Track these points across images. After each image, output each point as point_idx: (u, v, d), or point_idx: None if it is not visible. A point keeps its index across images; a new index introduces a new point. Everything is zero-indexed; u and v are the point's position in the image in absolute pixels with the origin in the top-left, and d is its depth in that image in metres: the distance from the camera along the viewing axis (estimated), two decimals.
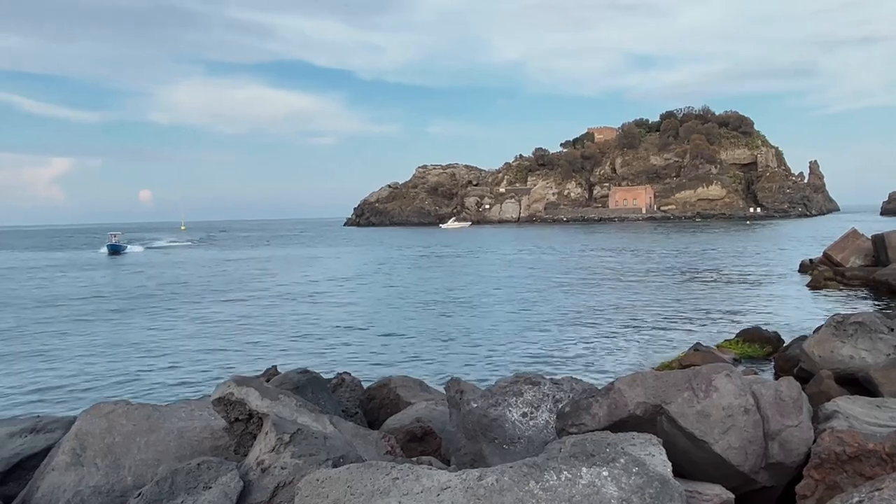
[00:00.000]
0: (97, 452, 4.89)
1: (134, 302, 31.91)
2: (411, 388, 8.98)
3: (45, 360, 18.89)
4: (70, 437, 5.12)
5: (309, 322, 24.32)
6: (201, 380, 15.63)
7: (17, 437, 6.24)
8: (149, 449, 4.99)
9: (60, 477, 4.74)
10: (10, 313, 29.15)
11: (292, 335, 21.71)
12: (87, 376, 16.75)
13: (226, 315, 26.51)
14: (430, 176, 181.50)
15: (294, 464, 4.45)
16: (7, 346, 21.25)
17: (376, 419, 8.28)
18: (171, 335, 22.30)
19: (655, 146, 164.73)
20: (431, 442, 6.91)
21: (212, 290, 36.45)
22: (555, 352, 17.83)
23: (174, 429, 5.20)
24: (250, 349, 19.50)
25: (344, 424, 5.28)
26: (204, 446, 5.18)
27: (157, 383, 15.70)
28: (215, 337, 21.71)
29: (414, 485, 3.80)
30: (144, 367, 17.48)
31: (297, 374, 7.01)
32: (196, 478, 4.32)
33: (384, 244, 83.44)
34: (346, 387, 8.20)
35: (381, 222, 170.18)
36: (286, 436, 4.58)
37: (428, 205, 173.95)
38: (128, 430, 5.07)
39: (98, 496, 4.65)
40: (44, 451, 5.85)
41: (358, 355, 18.34)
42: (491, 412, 5.70)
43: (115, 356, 19.14)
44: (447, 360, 17.49)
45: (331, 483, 3.90)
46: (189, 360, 18.28)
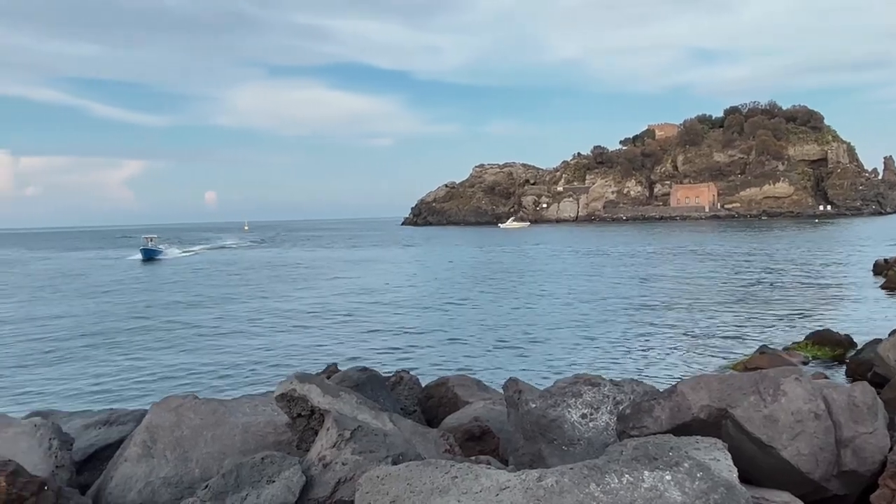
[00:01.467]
0: (167, 445, 5.06)
1: (195, 300, 32.92)
2: (469, 388, 8.98)
3: (117, 355, 19.68)
4: (141, 429, 5.32)
5: (367, 321, 24.62)
6: (264, 376, 16.01)
7: (91, 428, 6.51)
8: (215, 442, 5.14)
9: (133, 468, 4.93)
10: (77, 309, 30.48)
11: (351, 333, 22.01)
12: (156, 370, 17.38)
13: (287, 314, 27.07)
14: (487, 175, 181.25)
15: (355, 460, 4.52)
16: (80, 341, 22.22)
17: (434, 418, 8.31)
18: (233, 333, 22.91)
19: (719, 142, 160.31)
20: (489, 441, 6.90)
21: (272, 289, 37.28)
22: (614, 353, 17.57)
23: (239, 423, 5.34)
24: (311, 347, 19.86)
25: (403, 422, 5.33)
26: (267, 441, 5.30)
27: (221, 379, 16.16)
28: (277, 335, 22.20)
29: (473, 484, 3.80)
30: (209, 363, 18.02)
31: (356, 372, 7.10)
32: (260, 471, 4.42)
33: (442, 244, 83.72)
34: (404, 385, 8.26)
35: (439, 222, 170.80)
36: (347, 432, 4.65)
37: (485, 204, 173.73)
38: (195, 424, 5.23)
39: (168, 487, 4.82)
40: (117, 443, 6.09)
41: (415, 354, 18.47)
42: (550, 413, 5.65)
43: (182, 352, 19.79)
44: (504, 359, 17.44)
45: (391, 480, 3.94)
46: (252, 356, 18.75)
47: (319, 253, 74.87)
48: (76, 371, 17.91)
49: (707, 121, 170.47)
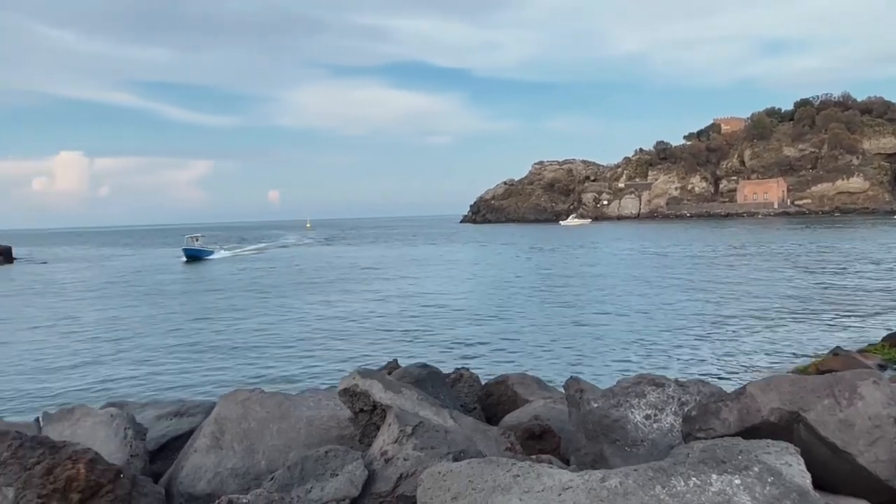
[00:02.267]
0: (234, 437, 5.20)
1: (262, 295, 33.73)
2: (529, 386, 8.92)
3: (185, 349, 20.35)
4: (210, 421, 5.48)
5: (426, 318, 24.76)
6: (325, 371, 16.30)
7: (163, 419, 6.75)
8: (280, 435, 5.25)
9: (202, 458, 5.08)
10: (146, 304, 31.63)
11: (410, 330, 22.19)
12: (222, 364, 17.90)
13: (348, 310, 27.48)
14: (546, 172, 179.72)
15: (416, 456, 4.54)
16: (150, 335, 23.07)
17: (494, 415, 8.29)
18: (297, 328, 23.39)
19: (789, 136, 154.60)
20: (550, 440, 6.84)
21: (333, 286, 37.88)
22: (678, 352, 17.19)
23: (303, 417, 5.44)
24: (371, 343, 20.12)
25: (464, 419, 5.34)
26: (331, 435, 5.38)
27: (284, 373, 16.53)
28: (338, 331, 22.57)
29: (535, 483, 3.77)
30: (272, 358, 18.45)
31: (417, 368, 7.15)
32: (324, 465, 4.49)
33: (501, 241, 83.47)
34: (464, 382, 8.27)
35: (497, 219, 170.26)
36: (408, 428, 4.68)
37: (544, 201, 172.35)
38: (262, 417, 5.36)
39: (235, 478, 4.95)
40: (187, 434, 6.29)
41: (474, 351, 18.49)
42: (612, 413, 5.56)
43: (246, 347, 20.32)
44: (563, 358, 17.28)
45: (452, 477, 3.94)
46: (314, 352, 19.11)
47: (379, 251, 75.70)
48: (147, 364, 18.62)
49: (776, 114, 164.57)
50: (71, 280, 49.36)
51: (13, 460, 3.91)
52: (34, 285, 46.13)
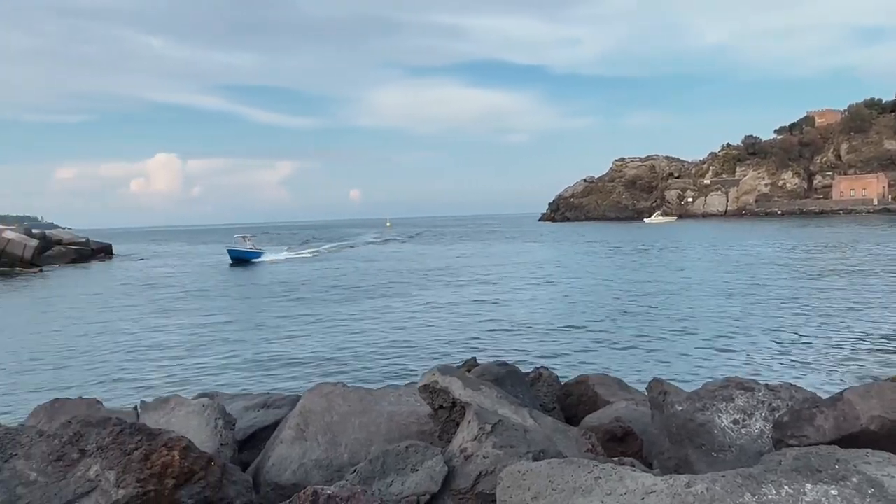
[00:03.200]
0: (318, 429, 5.34)
1: (343, 292, 34.47)
2: (610, 387, 8.75)
3: (270, 343, 21.05)
4: (295, 413, 5.65)
5: (505, 316, 24.70)
6: (405, 367, 16.51)
7: (251, 410, 7.00)
8: (362, 429, 5.35)
9: (288, 449, 5.24)
10: (233, 300, 32.84)
11: (489, 329, 22.19)
12: (306, 358, 18.42)
13: (427, 308, 27.73)
14: (627, 169, 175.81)
15: (495, 454, 4.54)
16: (238, 329, 23.97)
17: (573, 416, 8.18)
18: (377, 325, 23.79)
19: (890, 129, 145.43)
20: (632, 443, 6.70)
21: (414, 284, 38.30)
22: (769, 355, 16.50)
23: (384, 412, 5.53)
24: (450, 341, 20.23)
25: (544, 419, 5.30)
26: (411, 430, 5.45)
27: (365, 369, 16.85)
28: (417, 328, 22.81)
29: (617, 485, 3.70)
30: (354, 354, 18.84)
31: (496, 367, 7.13)
32: (404, 460, 4.55)
33: (581, 239, 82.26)
34: (543, 381, 8.20)
35: (577, 217, 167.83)
36: (488, 426, 4.68)
37: (625, 199, 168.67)
38: (344, 411, 5.48)
39: (319, 469, 5.08)
40: (273, 425, 6.50)
41: (553, 350, 18.31)
42: (698, 417, 5.40)
43: (327, 342, 20.83)
44: (646, 359, 16.89)
45: (532, 476, 3.92)
46: (394, 348, 19.39)
47: (458, 249, 76.00)
48: (235, 357, 19.36)
49: (876, 105, 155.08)
50: (165, 275, 51.89)
51: (114, 446, 4.13)
52: (132, 280, 48.76)
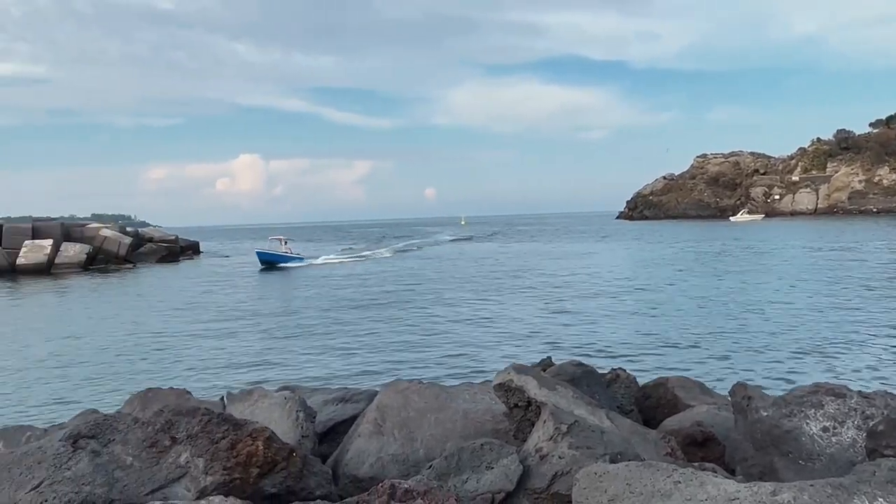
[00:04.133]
0: (395, 424, 5.43)
1: (415, 289, 34.81)
2: (690, 390, 8.52)
3: (348, 339, 21.49)
4: (373, 408, 5.76)
5: (580, 315, 24.39)
6: (479, 366, 16.54)
7: (329, 404, 7.18)
8: (437, 426, 5.41)
9: (365, 443, 5.35)
10: (314, 296, 33.66)
11: (563, 328, 21.96)
12: (382, 354, 18.72)
13: (500, 306, 27.68)
14: (710, 165, 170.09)
15: (571, 455, 4.50)
16: (319, 324, 24.58)
17: (652, 419, 8.01)
18: (452, 322, 23.92)
19: None
20: (713, 448, 6.50)
21: (490, 282, 38.29)
22: (861, 362, 15.68)
23: (460, 409, 5.57)
24: (524, 339, 20.14)
25: (621, 420, 5.22)
26: (485, 428, 5.47)
27: (440, 365, 16.97)
28: (490, 327, 22.81)
29: (698, 491, 3.61)
30: (429, 351, 19.01)
31: (572, 366, 7.06)
32: (480, 457, 4.57)
33: (661, 238, 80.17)
34: (620, 383, 8.05)
35: (656, 216, 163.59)
36: (564, 426, 4.64)
37: (707, 196, 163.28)
38: (420, 407, 5.55)
39: (395, 464, 5.17)
40: (351, 419, 6.64)
41: (631, 351, 17.96)
42: (784, 423, 5.20)
43: (402, 339, 21.09)
44: (728, 362, 16.34)
45: (609, 478, 3.87)
46: (469, 346, 19.45)
47: (533, 247, 75.48)
48: (315, 351, 19.88)
49: None
50: (249, 272, 53.72)
51: (203, 434, 4.33)
52: (217, 276, 50.75)
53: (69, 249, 60.40)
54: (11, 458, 4.25)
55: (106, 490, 3.93)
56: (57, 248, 59.61)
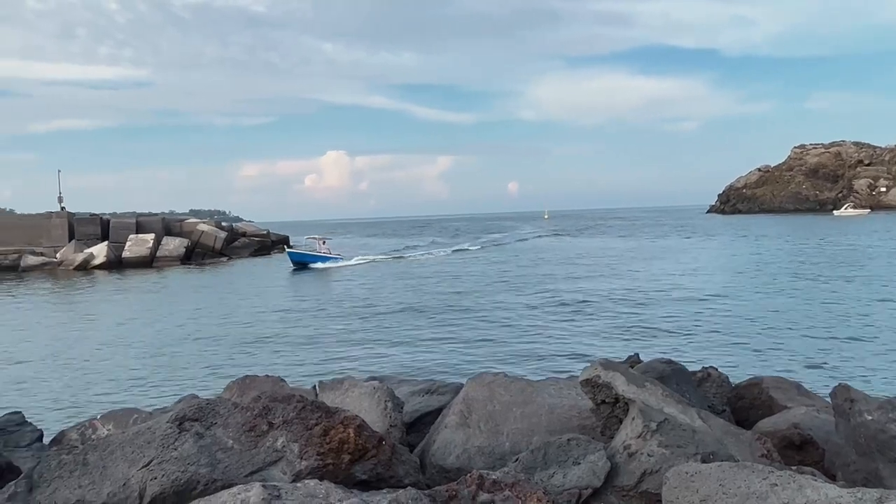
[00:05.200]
0: (481, 417, 5.48)
1: (498, 284, 34.79)
2: (787, 391, 8.18)
3: (434, 333, 21.73)
4: (459, 400, 5.83)
5: (670, 312, 23.76)
6: (564, 361, 16.40)
7: (416, 395, 7.32)
8: (523, 420, 5.43)
9: (452, 434, 5.43)
10: (402, 290, 34.15)
11: (651, 325, 21.45)
12: (465, 348, 18.84)
13: (584, 302, 27.30)
14: (808, 157, 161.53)
15: (661, 453, 4.42)
16: (403, 318, 24.96)
17: (745, 420, 7.74)
18: (536, 317, 23.79)
19: None
20: (811, 452, 6.23)
21: (574, 278, 37.83)
22: None
23: (545, 404, 5.57)
24: (609, 335, 19.82)
25: (714, 420, 5.07)
26: (571, 424, 5.44)
27: (526, 360, 16.94)
28: (575, 322, 22.54)
29: (796, 494, 3.48)
30: (512, 344, 18.99)
31: (661, 364, 6.91)
32: (566, 452, 4.56)
33: (756, 233, 76.72)
34: (712, 382, 7.83)
35: (749, 209, 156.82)
36: (653, 424, 4.57)
37: (806, 189, 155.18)
38: (506, 401, 5.58)
39: (481, 455, 5.22)
40: (437, 410, 6.75)
41: (723, 349, 17.38)
42: (891, 428, 4.93)
43: (486, 333, 21.15)
44: (828, 363, 15.55)
45: (701, 478, 3.79)
46: (553, 341, 19.31)
47: (619, 242, 73.93)
48: (399, 344, 20.22)
49: None
50: (336, 267, 55.07)
51: (298, 420, 4.50)
52: (306, 270, 52.31)
53: (169, 243, 63.68)
54: (124, 437, 4.56)
55: (209, 470, 4.16)
56: (158, 242, 62.97)
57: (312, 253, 55.71)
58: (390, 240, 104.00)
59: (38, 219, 66.18)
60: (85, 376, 18.05)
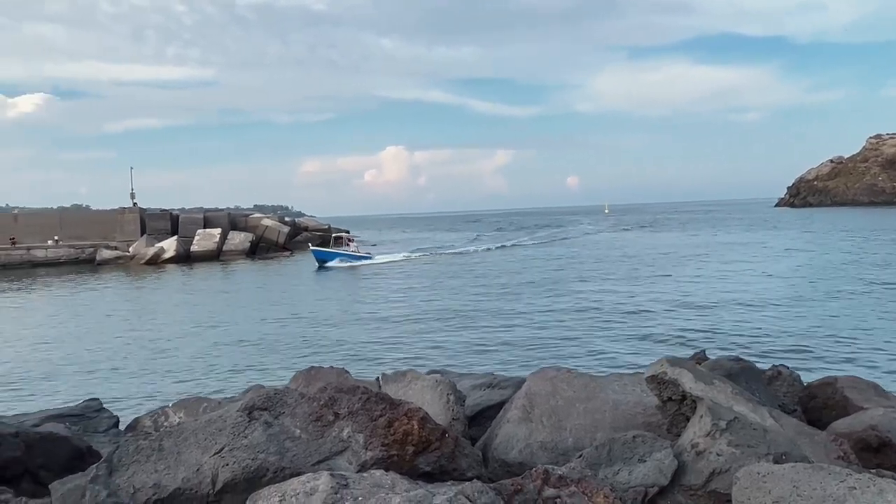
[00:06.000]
0: (543, 412, 5.45)
1: (559, 278, 34.46)
2: (863, 391, 7.85)
3: (494, 325, 21.72)
4: (521, 395, 5.81)
5: (735, 309, 23.12)
6: (627, 357, 16.15)
7: (477, 389, 7.33)
8: (586, 415, 5.37)
9: (514, 429, 5.42)
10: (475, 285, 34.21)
11: (716, 321, 20.92)
12: (528, 341, 18.77)
13: (650, 298, 26.81)
14: (885, 147, 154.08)
15: (731, 452, 4.31)
16: (462, 311, 25.02)
17: (817, 420, 7.47)
18: (598, 312, 23.50)
19: None
20: (891, 455, 5.97)
21: (642, 272, 37.20)
22: None
23: (609, 400, 5.49)
24: (675, 331, 19.43)
25: (786, 420, 4.92)
26: (636, 421, 5.35)
27: (589, 354, 16.76)
28: (638, 318, 22.17)
29: (876, 499, 3.35)
30: (574, 339, 18.81)
31: (729, 361, 6.73)
32: (632, 449, 4.49)
33: (830, 228, 73.54)
34: (782, 380, 7.57)
35: (821, 202, 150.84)
36: (722, 422, 4.45)
37: (882, 181, 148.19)
38: (569, 396, 5.53)
39: (544, 451, 5.19)
40: (498, 405, 6.74)
41: (793, 347, 16.80)
42: None
43: (545, 328, 21.01)
44: None
45: (773, 479, 3.68)
46: (614, 336, 19.04)
47: (684, 238, 72.18)
48: (460, 338, 20.29)
49: None
50: (398, 261, 55.62)
51: (363, 411, 4.57)
52: (368, 264, 53.01)
53: (235, 238, 65.48)
54: (197, 425, 4.71)
55: (278, 458, 4.26)
56: (224, 237, 64.82)
57: (336, 251, 55.42)
58: (447, 234, 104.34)
59: (111, 214, 69.14)
60: (154, 364, 18.79)
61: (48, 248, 62.11)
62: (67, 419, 7.38)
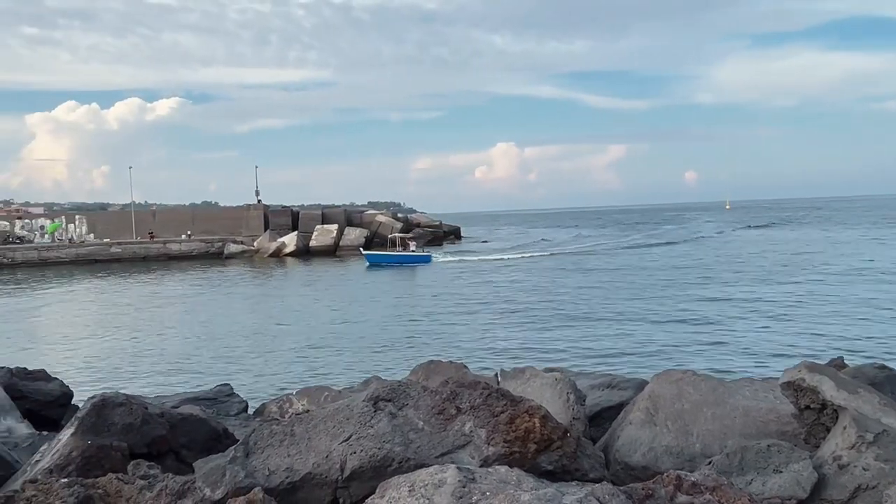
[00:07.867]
0: (668, 415, 5.27)
1: (683, 279, 33.26)
2: None
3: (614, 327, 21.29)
4: (643, 397, 5.64)
5: (877, 312, 21.46)
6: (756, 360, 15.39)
7: (596, 389, 7.19)
8: (715, 421, 5.14)
9: (637, 431, 5.27)
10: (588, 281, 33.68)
11: (856, 326, 19.49)
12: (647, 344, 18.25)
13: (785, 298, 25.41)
14: None
15: (878, 467, 4.01)
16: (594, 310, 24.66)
17: None
18: (726, 315, 22.50)
19: None
20: None
21: (773, 272, 35.37)
22: None
23: (739, 406, 5.23)
24: (808, 335, 18.34)
25: None
26: (769, 429, 5.07)
27: (715, 357, 16.09)
28: (770, 320, 21.09)
29: None
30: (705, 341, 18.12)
31: (873, 369, 6.27)
32: (766, 458, 4.27)
33: None
34: None
35: None
36: (869, 434, 4.15)
37: None
38: (695, 400, 5.32)
39: (669, 456, 5.01)
40: (617, 406, 6.59)
41: None
42: None
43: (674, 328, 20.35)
44: None
45: None
46: (746, 338, 18.20)
47: (818, 235, 67.46)
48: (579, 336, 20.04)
49: None
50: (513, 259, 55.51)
51: (484, 407, 4.59)
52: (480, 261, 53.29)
53: (351, 233, 67.68)
54: (325, 413, 4.90)
55: (402, 449, 4.36)
56: (341, 233, 67.15)
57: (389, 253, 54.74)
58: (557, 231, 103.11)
59: (238, 211, 73.34)
60: (275, 353, 19.73)
61: (182, 241, 66.65)
62: (202, 402, 7.87)
